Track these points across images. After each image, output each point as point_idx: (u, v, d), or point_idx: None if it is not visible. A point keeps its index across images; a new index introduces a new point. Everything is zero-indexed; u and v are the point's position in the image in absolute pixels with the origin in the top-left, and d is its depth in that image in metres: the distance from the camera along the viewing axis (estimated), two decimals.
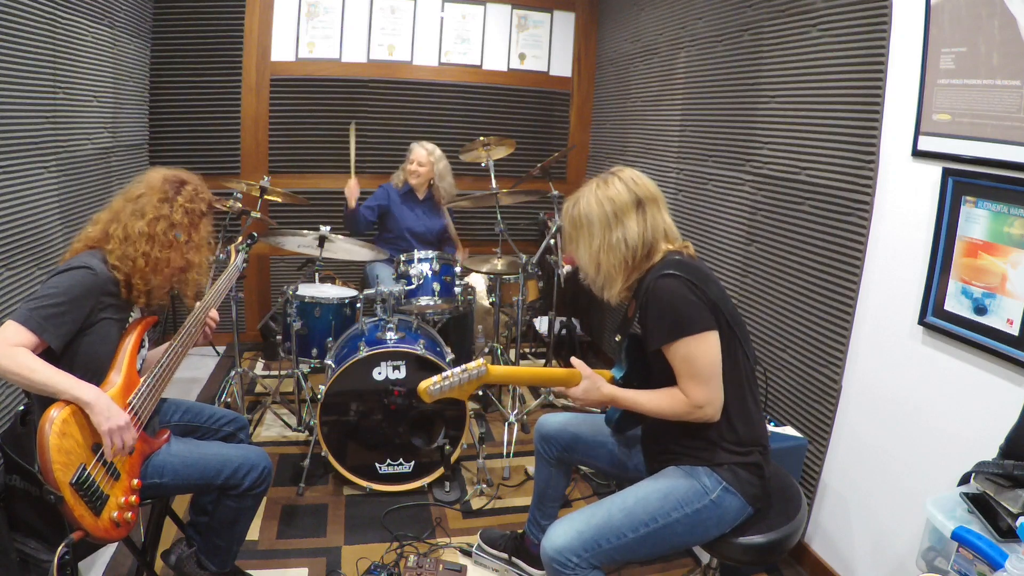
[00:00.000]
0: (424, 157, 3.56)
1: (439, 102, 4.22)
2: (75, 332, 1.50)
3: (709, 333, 1.52)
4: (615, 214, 1.63)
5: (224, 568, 1.91)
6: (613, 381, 1.73)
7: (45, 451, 1.32)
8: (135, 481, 1.54)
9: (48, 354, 1.46)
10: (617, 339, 1.74)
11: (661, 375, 1.59)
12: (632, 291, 1.69)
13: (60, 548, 1.37)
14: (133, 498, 1.51)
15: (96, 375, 1.52)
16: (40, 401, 1.43)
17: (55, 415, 1.35)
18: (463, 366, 1.56)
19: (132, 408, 1.53)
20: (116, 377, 1.54)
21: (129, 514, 1.49)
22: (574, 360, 1.69)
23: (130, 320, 1.65)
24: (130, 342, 1.60)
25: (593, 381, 1.64)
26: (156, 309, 1.77)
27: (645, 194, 1.65)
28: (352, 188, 3.47)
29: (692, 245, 1.71)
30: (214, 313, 1.85)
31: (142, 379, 1.60)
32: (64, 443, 1.35)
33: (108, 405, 1.45)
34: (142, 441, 1.59)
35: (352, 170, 3.50)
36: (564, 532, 1.55)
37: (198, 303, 1.79)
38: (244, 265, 1.99)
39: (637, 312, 1.63)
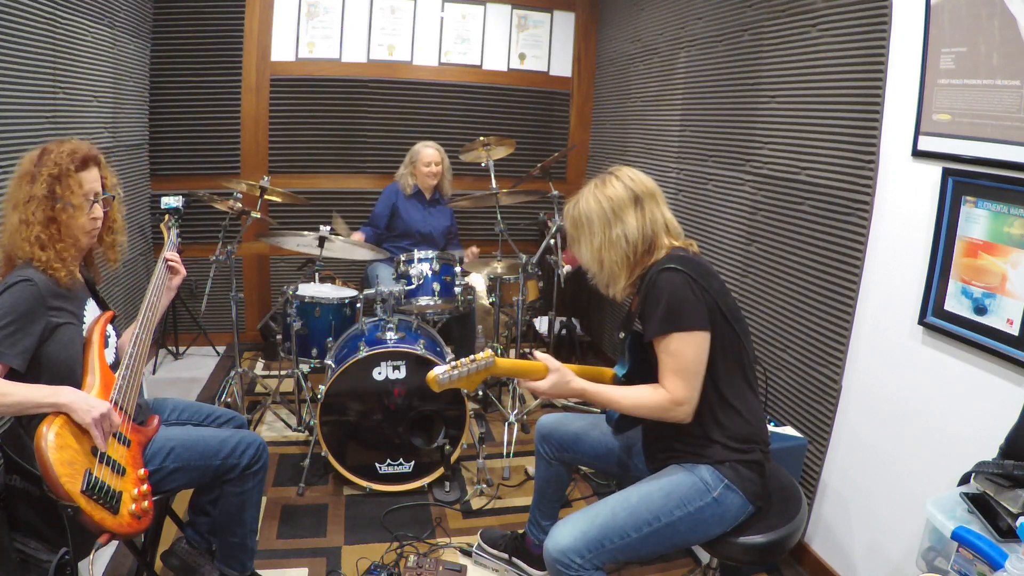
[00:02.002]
0: (437, 157, 3.56)
1: (439, 102, 4.22)
2: (35, 346, 1.48)
3: (700, 332, 1.53)
4: (614, 211, 1.65)
5: (245, 571, 1.91)
6: (615, 378, 1.74)
7: (49, 469, 1.31)
8: (141, 471, 1.54)
9: (13, 374, 1.45)
10: (620, 336, 1.75)
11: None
12: (636, 286, 1.70)
13: (80, 555, 1.36)
14: (145, 487, 1.52)
15: (66, 380, 1.51)
16: (28, 419, 1.43)
17: (48, 432, 1.35)
18: (472, 356, 1.57)
19: (116, 403, 1.53)
20: (92, 379, 1.54)
21: (146, 503, 1.49)
22: (538, 354, 1.68)
23: (85, 319, 1.63)
24: (95, 343, 1.60)
25: (562, 375, 1.62)
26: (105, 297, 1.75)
27: (642, 190, 1.67)
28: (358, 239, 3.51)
29: (696, 244, 1.73)
30: (172, 254, 1.83)
31: (117, 374, 1.60)
32: (64, 455, 1.35)
33: (85, 398, 1.44)
34: (136, 432, 1.59)
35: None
36: (567, 533, 1.55)
37: (147, 291, 1.76)
38: (178, 240, 1.98)
39: (639, 306, 1.64)
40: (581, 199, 1.71)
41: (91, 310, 1.68)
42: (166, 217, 2.12)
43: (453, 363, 1.55)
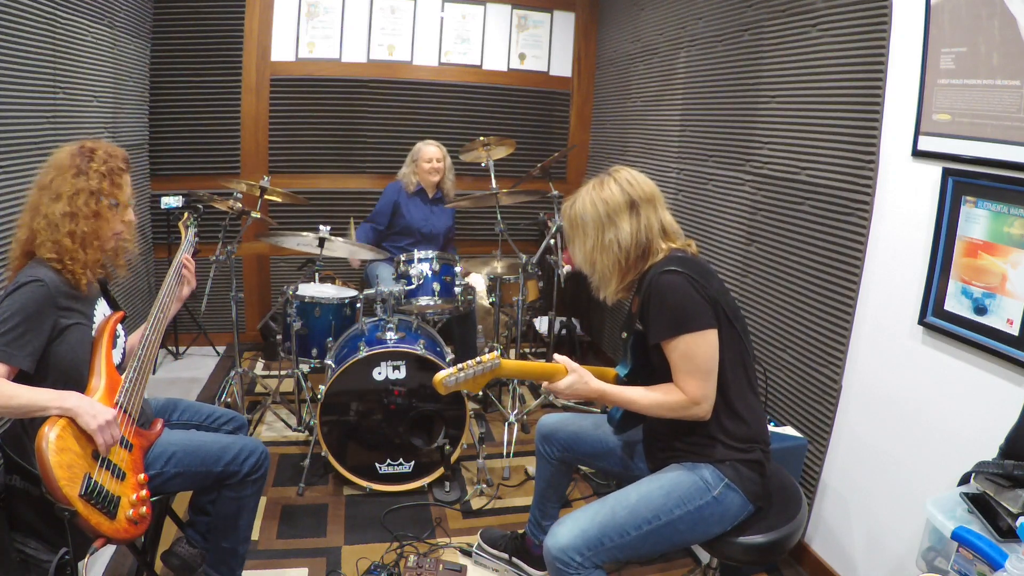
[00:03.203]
0: (439, 153, 3.57)
1: (439, 102, 4.22)
2: (43, 347, 1.48)
3: (709, 331, 1.53)
4: (608, 215, 1.64)
5: None
6: (617, 378, 1.74)
7: (48, 471, 1.31)
8: (141, 476, 1.54)
9: (22, 375, 1.45)
10: (623, 336, 1.74)
11: (663, 370, 1.60)
12: (633, 288, 1.70)
13: (78, 556, 1.36)
14: (143, 492, 1.51)
15: (75, 381, 1.51)
16: (31, 419, 1.43)
17: (49, 433, 1.35)
18: (478, 358, 1.56)
19: (120, 406, 1.53)
20: (98, 382, 1.54)
21: (143, 509, 1.49)
22: (557, 356, 1.67)
23: (95, 319, 1.63)
24: (103, 344, 1.60)
25: (580, 376, 1.62)
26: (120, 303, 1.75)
27: (639, 194, 1.65)
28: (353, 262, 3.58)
29: (695, 243, 1.72)
30: (189, 260, 1.83)
31: (123, 376, 1.60)
32: (64, 458, 1.35)
33: (90, 404, 1.44)
34: (138, 436, 1.59)
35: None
36: (567, 531, 1.55)
37: (160, 291, 1.77)
38: (196, 240, 1.99)
39: (640, 308, 1.63)
40: (578, 200, 1.70)
41: (101, 310, 1.68)
42: (185, 216, 2.10)
43: (459, 365, 1.55)
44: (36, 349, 1.46)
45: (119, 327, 1.70)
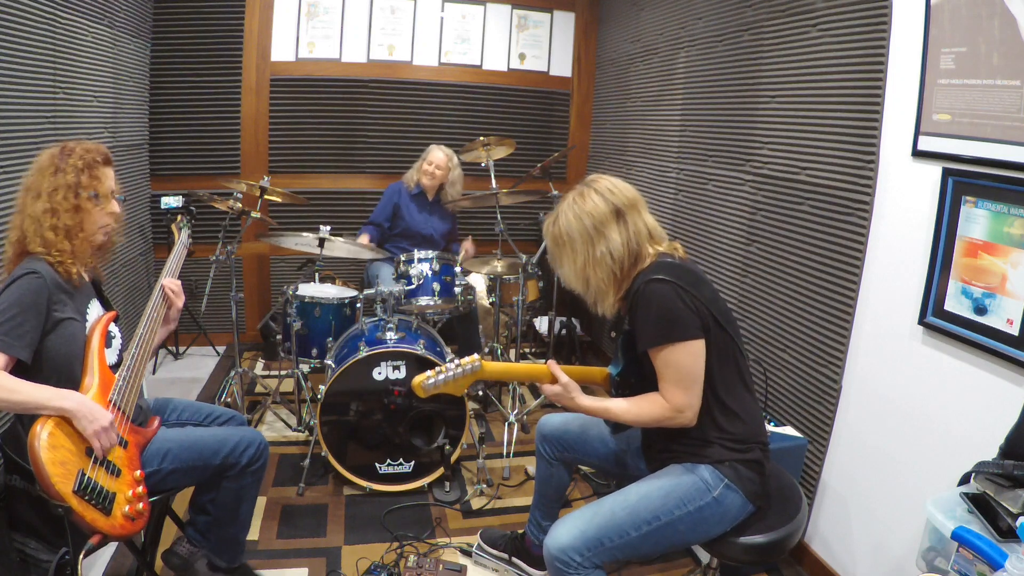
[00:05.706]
0: (443, 161, 3.56)
1: (439, 102, 4.22)
2: (40, 338, 1.49)
3: (694, 341, 1.52)
4: (595, 228, 1.60)
5: (234, 563, 1.92)
6: (610, 377, 1.74)
7: (41, 468, 1.32)
8: (137, 473, 1.54)
9: (18, 366, 1.46)
10: (612, 335, 1.74)
11: (653, 374, 1.60)
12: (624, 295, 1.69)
13: (76, 553, 1.37)
14: (140, 489, 1.52)
15: (68, 376, 1.52)
16: (29, 418, 1.43)
17: (40, 431, 1.35)
18: (457, 361, 1.56)
19: (114, 404, 1.54)
20: (91, 380, 1.55)
21: (140, 505, 1.50)
22: (550, 363, 1.67)
23: (88, 318, 1.64)
24: (95, 342, 1.60)
25: (567, 389, 1.63)
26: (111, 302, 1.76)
27: (623, 201, 1.62)
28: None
29: (682, 246, 1.70)
30: (172, 282, 1.82)
31: (117, 374, 1.60)
32: (57, 455, 1.35)
33: (90, 408, 1.45)
34: (134, 433, 1.59)
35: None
36: (567, 531, 1.55)
37: (153, 294, 1.78)
38: (189, 241, 2.00)
39: (628, 314, 1.63)
40: (560, 216, 1.64)
41: (94, 310, 1.68)
42: (178, 218, 2.10)
43: (438, 368, 1.54)
44: (34, 340, 1.47)
45: (113, 327, 1.70)
